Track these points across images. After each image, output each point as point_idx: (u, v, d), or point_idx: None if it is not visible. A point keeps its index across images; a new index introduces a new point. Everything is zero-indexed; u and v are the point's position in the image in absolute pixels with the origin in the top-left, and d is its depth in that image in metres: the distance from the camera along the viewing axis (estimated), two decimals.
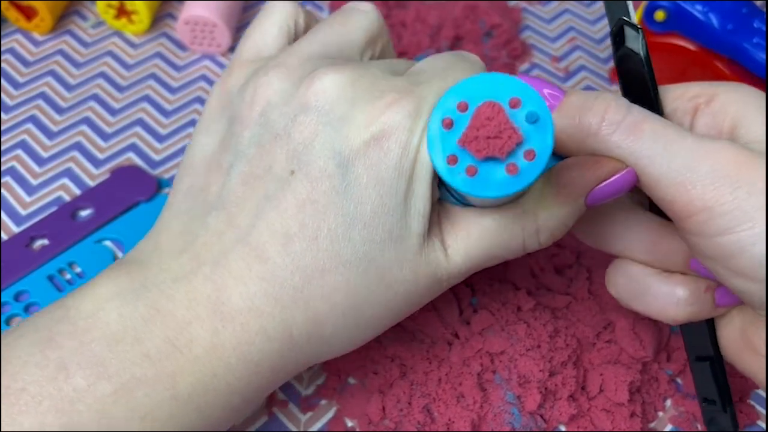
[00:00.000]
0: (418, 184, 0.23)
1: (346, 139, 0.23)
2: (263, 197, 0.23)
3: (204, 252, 0.23)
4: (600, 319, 0.32)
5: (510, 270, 0.34)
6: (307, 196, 0.23)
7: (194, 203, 0.25)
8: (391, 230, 0.23)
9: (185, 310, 0.23)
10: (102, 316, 0.22)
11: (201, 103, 0.41)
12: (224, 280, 0.23)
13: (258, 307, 0.23)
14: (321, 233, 0.23)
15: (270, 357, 0.23)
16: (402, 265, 0.24)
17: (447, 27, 0.44)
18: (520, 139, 0.19)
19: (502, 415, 0.29)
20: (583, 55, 0.45)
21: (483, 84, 0.20)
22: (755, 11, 0.37)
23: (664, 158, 0.22)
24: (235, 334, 0.23)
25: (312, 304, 0.23)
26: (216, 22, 0.42)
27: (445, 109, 0.20)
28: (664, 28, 0.40)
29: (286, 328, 0.23)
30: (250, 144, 0.24)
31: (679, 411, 0.31)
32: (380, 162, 0.23)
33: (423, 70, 0.26)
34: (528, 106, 0.20)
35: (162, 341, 0.22)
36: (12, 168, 0.38)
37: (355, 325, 0.24)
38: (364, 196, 0.23)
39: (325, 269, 0.23)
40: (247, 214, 0.23)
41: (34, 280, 0.33)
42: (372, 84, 0.24)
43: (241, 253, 0.23)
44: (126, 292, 0.23)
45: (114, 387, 0.21)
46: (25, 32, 0.44)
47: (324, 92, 0.23)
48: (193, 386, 0.22)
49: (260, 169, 0.24)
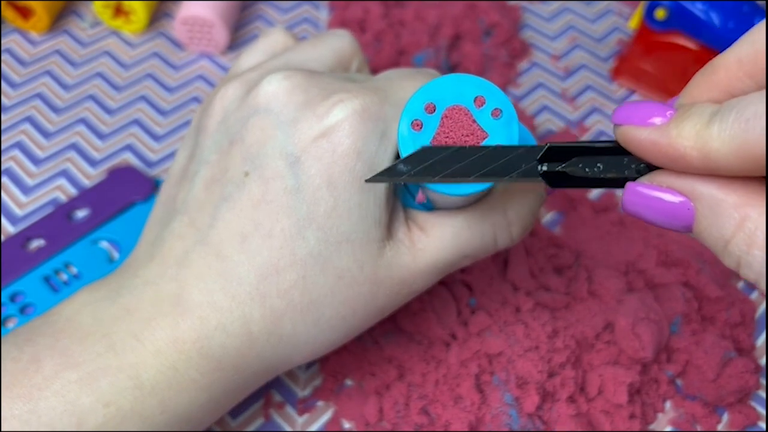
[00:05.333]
0: (375, 191, 0.24)
1: (296, 139, 0.23)
2: (221, 199, 0.24)
3: (169, 255, 0.24)
4: (599, 319, 0.32)
5: (509, 270, 0.33)
6: (261, 196, 0.23)
7: (165, 212, 0.26)
8: (347, 233, 0.24)
9: (150, 308, 0.23)
10: (78, 318, 0.24)
11: (198, 102, 0.41)
12: (186, 278, 0.24)
13: (216, 302, 0.23)
14: (275, 232, 0.23)
15: (231, 354, 0.24)
16: (362, 266, 0.24)
17: (446, 25, 0.44)
18: (485, 137, 0.21)
19: (500, 417, 0.29)
20: (584, 54, 0.45)
21: (448, 85, 0.21)
22: (756, 10, 0.37)
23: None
24: (194, 327, 0.23)
25: (269, 301, 0.24)
26: (213, 21, 0.42)
27: (413, 112, 0.21)
28: (664, 27, 0.39)
29: (245, 324, 0.24)
30: (211, 151, 0.25)
31: (679, 412, 0.31)
32: (332, 163, 0.23)
33: (379, 79, 0.26)
34: (492, 104, 0.21)
35: (127, 335, 0.23)
36: (9, 168, 0.38)
37: (315, 324, 0.24)
38: (317, 196, 0.23)
39: (280, 267, 0.23)
40: (206, 216, 0.24)
41: (30, 281, 0.33)
42: (322, 87, 0.24)
43: (201, 252, 0.24)
44: (102, 298, 0.24)
45: (79, 375, 0.22)
46: (22, 32, 0.44)
47: (274, 94, 0.24)
48: (155, 378, 0.23)
49: (219, 173, 0.25)
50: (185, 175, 0.26)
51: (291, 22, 0.46)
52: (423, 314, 0.32)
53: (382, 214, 0.24)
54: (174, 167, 0.28)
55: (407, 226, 0.25)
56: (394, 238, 0.25)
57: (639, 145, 0.18)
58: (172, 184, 0.27)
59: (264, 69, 0.27)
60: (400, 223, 0.25)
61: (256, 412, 0.30)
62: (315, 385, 0.31)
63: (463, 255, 0.25)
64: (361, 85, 0.25)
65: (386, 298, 0.25)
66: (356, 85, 0.24)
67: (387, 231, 0.24)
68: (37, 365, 0.22)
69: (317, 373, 0.31)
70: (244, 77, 0.26)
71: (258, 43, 0.30)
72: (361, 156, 0.23)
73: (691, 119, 0.17)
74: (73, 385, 0.22)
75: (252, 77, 0.26)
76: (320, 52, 0.28)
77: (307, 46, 0.29)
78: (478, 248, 0.25)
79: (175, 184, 0.27)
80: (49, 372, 0.22)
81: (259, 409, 0.30)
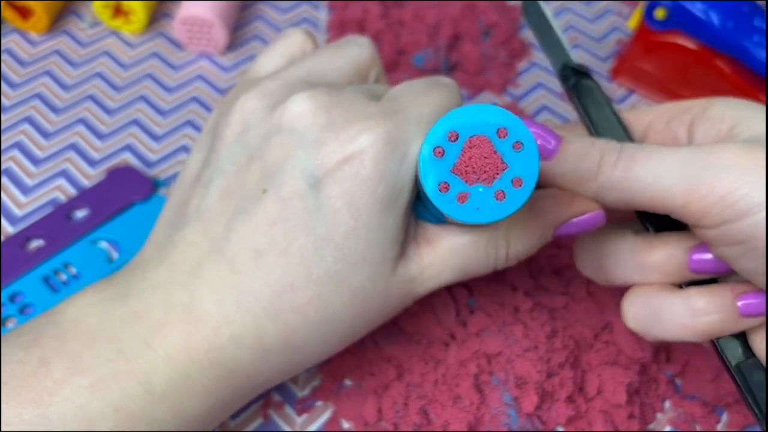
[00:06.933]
0: (394, 211, 0.24)
1: (318, 162, 0.23)
2: (236, 212, 0.24)
3: (180, 261, 0.24)
4: (598, 319, 0.32)
5: (508, 270, 0.33)
6: (277, 215, 0.23)
7: (176, 216, 0.26)
8: (364, 254, 0.24)
9: (161, 314, 0.23)
10: (83, 319, 0.23)
11: (198, 102, 0.41)
12: (198, 288, 0.24)
13: (229, 315, 0.23)
14: (291, 250, 0.23)
15: (243, 365, 0.24)
16: (375, 284, 0.24)
17: (445, 26, 0.44)
18: (505, 168, 0.21)
19: (499, 417, 0.29)
20: (584, 54, 0.45)
21: (472, 114, 0.21)
22: (755, 9, 0.37)
23: (666, 174, 0.23)
24: (207, 338, 0.23)
25: (283, 317, 0.24)
26: (213, 21, 0.42)
27: (436, 138, 0.21)
28: (664, 27, 0.39)
29: (258, 337, 0.24)
30: (228, 161, 0.25)
31: (678, 412, 0.31)
32: (354, 186, 0.23)
33: (398, 95, 0.26)
34: (514, 136, 0.21)
35: (137, 340, 0.23)
36: (8, 168, 0.38)
37: (328, 336, 0.25)
38: (337, 218, 0.23)
39: (296, 284, 0.23)
40: (220, 227, 0.24)
41: (30, 281, 0.33)
42: (346, 110, 0.24)
43: (215, 263, 0.24)
44: (108, 299, 0.24)
45: (89, 380, 0.22)
46: (21, 32, 0.44)
47: (299, 116, 0.24)
48: (167, 384, 0.23)
49: (236, 185, 0.25)
50: (199, 180, 0.26)
51: (290, 22, 0.46)
52: (422, 314, 0.32)
53: (400, 233, 0.24)
54: (187, 169, 0.27)
55: (416, 241, 0.26)
56: (405, 254, 0.25)
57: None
58: (185, 187, 0.27)
59: (284, 80, 0.26)
60: (411, 237, 0.25)
61: (255, 412, 0.30)
62: (314, 385, 0.31)
63: (465, 271, 0.26)
64: (383, 109, 0.24)
65: (393, 309, 0.26)
66: (378, 109, 0.24)
67: (401, 249, 0.25)
68: (46, 369, 0.22)
69: (316, 373, 0.31)
70: (265, 88, 0.26)
71: (276, 45, 0.30)
72: (384, 178, 0.23)
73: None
74: (83, 390, 0.22)
75: (273, 89, 0.26)
76: (340, 63, 0.28)
77: (326, 55, 0.28)
78: (478, 266, 0.26)
79: (189, 188, 0.26)
80: (58, 376, 0.22)
81: (258, 409, 0.30)
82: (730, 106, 0.25)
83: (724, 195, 0.22)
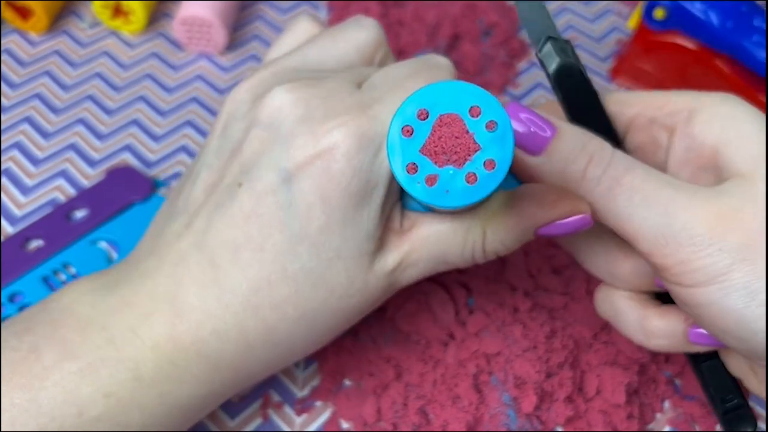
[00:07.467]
0: (369, 206, 0.24)
1: (291, 156, 0.23)
2: (215, 206, 0.24)
3: (167, 253, 0.25)
4: (598, 319, 0.32)
5: (507, 270, 0.33)
6: (252, 209, 0.23)
7: (169, 208, 0.27)
8: (339, 249, 0.24)
9: (147, 304, 0.24)
10: (77, 307, 0.24)
11: (197, 103, 0.41)
12: (181, 279, 0.24)
13: (210, 309, 0.24)
14: (266, 246, 0.23)
15: (228, 357, 0.24)
16: (352, 280, 0.24)
17: (445, 25, 0.44)
18: (477, 149, 0.20)
19: (498, 417, 0.29)
20: (583, 54, 0.45)
21: (443, 92, 0.20)
22: (755, 9, 0.37)
23: (641, 215, 0.22)
24: (191, 330, 0.23)
25: (262, 313, 0.24)
26: (212, 21, 0.42)
27: (405, 117, 0.20)
28: (663, 27, 0.39)
29: (240, 332, 0.24)
30: (214, 155, 0.26)
31: (678, 412, 0.31)
32: (326, 181, 0.23)
33: (379, 83, 0.25)
34: (488, 115, 0.20)
35: (125, 329, 0.23)
36: (8, 168, 0.38)
37: (310, 332, 0.25)
38: (310, 214, 0.23)
39: (272, 280, 0.23)
40: (202, 221, 0.24)
41: (29, 281, 0.33)
42: (324, 103, 0.24)
43: (196, 257, 0.24)
44: (102, 287, 0.24)
45: (79, 366, 0.22)
46: (21, 32, 0.44)
47: (277, 109, 0.24)
48: (154, 371, 0.23)
49: (218, 179, 0.25)
50: (190, 173, 0.27)
51: (290, 22, 0.46)
52: (421, 314, 0.32)
53: (376, 228, 0.24)
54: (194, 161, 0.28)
55: (400, 232, 0.25)
56: (384, 247, 0.25)
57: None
58: (182, 179, 0.27)
59: (275, 70, 0.26)
60: (394, 229, 0.25)
61: (255, 412, 0.30)
62: (313, 386, 0.31)
63: (444, 261, 0.25)
64: (361, 100, 0.24)
65: (375, 302, 0.26)
66: (356, 100, 0.24)
67: (378, 243, 0.24)
68: (36, 355, 0.22)
69: (315, 373, 0.31)
70: (256, 78, 0.26)
71: (285, 35, 0.30)
72: (357, 173, 0.23)
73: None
74: (73, 376, 0.22)
75: (264, 78, 0.26)
76: (341, 49, 0.28)
77: (327, 41, 0.28)
78: (457, 256, 0.25)
79: (184, 180, 0.27)
80: (48, 362, 0.22)
81: (258, 409, 0.30)
82: (715, 121, 0.24)
83: (683, 260, 0.22)
